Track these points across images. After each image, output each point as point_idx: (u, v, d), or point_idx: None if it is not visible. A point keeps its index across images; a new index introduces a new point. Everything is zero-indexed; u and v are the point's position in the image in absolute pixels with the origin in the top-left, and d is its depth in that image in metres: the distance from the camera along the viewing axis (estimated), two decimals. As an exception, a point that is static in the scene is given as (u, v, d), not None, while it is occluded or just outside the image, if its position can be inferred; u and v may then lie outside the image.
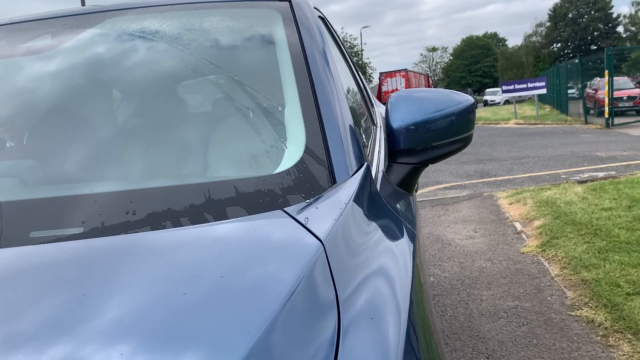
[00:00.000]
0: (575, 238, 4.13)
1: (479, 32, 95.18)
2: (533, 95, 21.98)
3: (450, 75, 74.94)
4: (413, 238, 0.99)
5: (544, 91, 19.83)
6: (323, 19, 1.63)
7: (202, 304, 0.56)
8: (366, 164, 1.01)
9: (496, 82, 61.07)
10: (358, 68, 2.54)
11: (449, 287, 3.60)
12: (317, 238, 0.69)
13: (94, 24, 1.34)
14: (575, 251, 3.86)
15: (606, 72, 14.04)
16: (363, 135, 1.31)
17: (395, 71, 32.00)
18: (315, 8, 1.50)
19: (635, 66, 22.13)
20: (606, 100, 14.05)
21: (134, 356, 0.49)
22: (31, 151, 1.11)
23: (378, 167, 1.18)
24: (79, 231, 0.77)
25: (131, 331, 0.52)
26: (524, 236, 4.57)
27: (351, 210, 0.81)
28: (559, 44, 59.69)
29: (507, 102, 34.39)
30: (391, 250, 0.83)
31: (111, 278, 0.63)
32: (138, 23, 1.31)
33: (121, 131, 1.16)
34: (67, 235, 0.77)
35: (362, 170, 0.97)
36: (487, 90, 45.93)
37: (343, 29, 69.78)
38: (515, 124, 18.25)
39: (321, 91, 1.06)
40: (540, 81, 19.54)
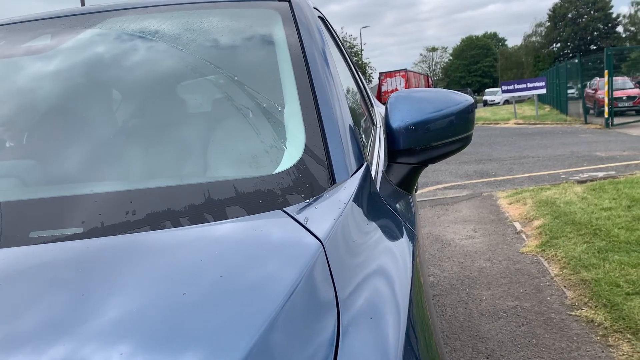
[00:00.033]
0: (574, 238, 4.14)
1: (479, 32, 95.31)
2: (533, 95, 21.99)
3: (449, 75, 74.95)
4: (413, 238, 0.99)
5: (544, 91, 19.83)
6: (323, 19, 1.63)
7: (202, 304, 0.56)
8: (366, 164, 1.01)
9: (496, 82, 61.12)
10: (358, 68, 2.54)
11: (449, 287, 3.60)
12: (317, 238, 0.69)
13: (94, 24, 1.34)
14: (574, 251, 3.86)
15: (606, 72, 14.05)
16: (363, 135, 1.31)
17: (394, 71, 32.01)
18: (314, 8, 1.50)
19: (634, 66, 22.14)
20: (606, 100, 14.05)
21: (134, 356, 0.49)
22: (31, 151, 1.11)
23: (378, 167, 1.18)
24: (79, 231, 0.77)
25: (131, 331, 0.52)
26: (524, 236, 4.57)
27: (351, 210, 0.81)
28: (559, 44, 59.71)
29: (507, 102, 34.40)
30: (391, 250, 0.83)
31: (111, 278, 0.63)
32: (138, 23, 1.31)
33: (121, 131, 1.16)
34: (67, 235, 0.77)
35: (362, 170, 0.97)
36: (487, 90, 45.95)
37: (343, 29, 69.78)
38: (514, 124, 18.25)
39: (321, 91, 1.06)
40: (539, 81, 19.54)
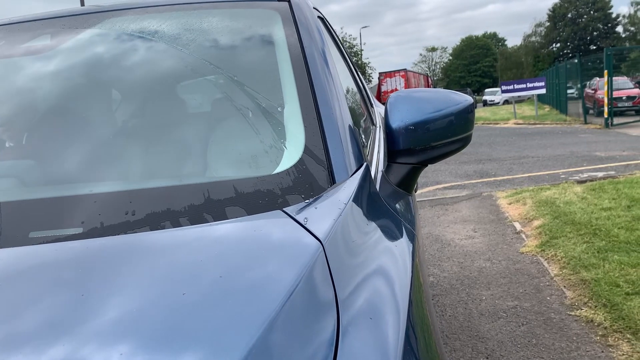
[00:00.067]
0: (574, 238, 4.14)
1: (479, 32, 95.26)
2: (532, 95, 21.99)
3: (449, 75, 74.96)
4: (412, 238, 0.99)
5: (543, 91, 19.84)
6: (322, 19, 1.63)
7: (202, 304, 0.56)
8: (365, 164, 1.01)
9: (495, 82, 61.14)
10: (357, 68, 2.54)
11: (449, 287, 3.60)
12: (317, 238, 0.69)
13: (94, 24, 1.34)
14: (574, 251, 3.86)
15: (605, 72, 14.05)
16: (362, 135, 1.31)
17: (394, 71, 32.02)
18: (314, 8, 1.50)
19: (634, 66, 22.16)
20: (605, 100, 14.06)
21: (134, 356, 0.49)
22: (30, 151, 1.11)
23: (377, 167, 1.18)
24: (79, 231, 0.77)
25: (131, 331, 0.52)
26: (524, 236, 4.57)
27: (350, 210, 0.81)
28: (558, 44, 59.72)
29: (507, 102, 34.41)
30: (390, 250, 0.83)
31: (111, 278, 0.63)
32: (137, 23, 1.31)
33: (120, 131, 1.16)
34: (67, 235, 0.77)
35: (362, 170, 0.97)
36: (487, 90, 45.96)
37: (342, 29, 69.75)
38: (514, 124, 18.25)
39: (320, 91, 1.06)
40: (539, 81, 19.54)
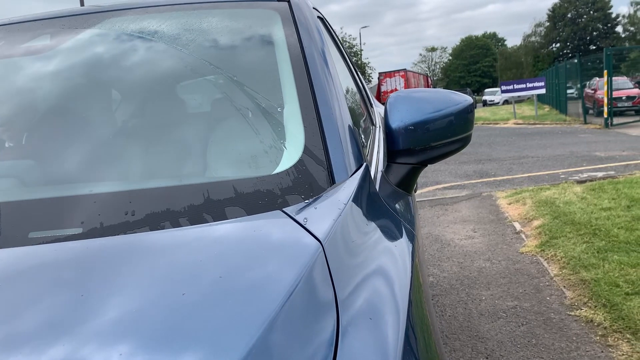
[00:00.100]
0: (574, 238, 4.14)
1: (478, 32, 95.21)
2: (532, 95, 21.99)
3: (449, 75, 74.96)
4: (412, 238, 0.99)
5: (543, 91, 19.84)
6: (322, 19, 1.63)
7: (201, 304, 0.56)
8: (365, 164, 1.01)
9: (495, 82, 61.15)
10: (357, 68, 2.54)
11: (448, 287, 3.60)
12: (316, 238, 0.69)
13: (93, 25, 1.34)
14: (574, 251, 3.86)
15: (605, 72, 14.05)
16: (362, 135, 1.31)
17: (394, 71, 32.02)
18: (314, 8, 1.50)
19: (634, 66, 22.16)
20: (605, 100, 14.06)
21: (133, 356, 0.49)
22: (30, 151, 1.11)
23: (377, 168, 1.18)
24: (78, 231, 0.77)
25: (130, 331, 0.52)
26: (523, 236, 4.57)
27: (350, 210, 0.81)
28: (558, 44, 59.71)
29: (506, 102, 34.41)
30: (390, 250, 0.83)
31: (110, 278, 0.63)
32: (137, 23, 1.31)
33: (120, 131, 1.16)
34: (66, 235, 0.76)
35: (361, 170, 0.97)
36: (486, 90, 45.97)
37: (342, 29, 69.76)
38: (514, 124, 18.26)
39: (320, 91, 1.06)
40: (539, 81, 19.55)
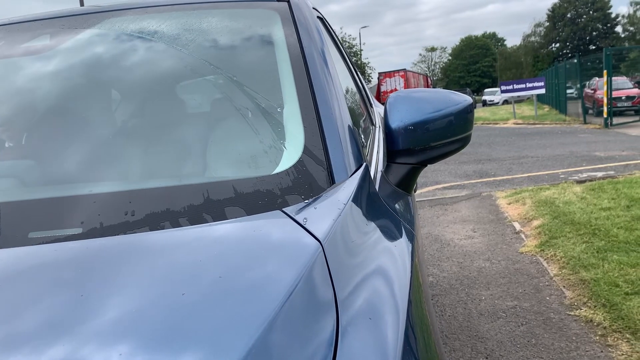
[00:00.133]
0: (574, 238, 4.14)
1: (478, 32, 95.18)
2: (532, 95, 22.00)
3: (449, 75, 74.97)
4: (412, 238, 0.99)
5: (543, 91, 19.84)
6: (322, 19, 1.63)
7: (201, 304, 0.56)
8: (365, 164, 1.01)
9: (495, 82, 61.16)
10: (357, 68, 2.54)
11: (448, 287, 3.60)
12: (316, 238, 0.69)
13: (93, 25, 1.34)
14: (574, 251, 3.86)
15: (605, 72, 14.06)
16: (362, 135, 1.31)
17: (394, 71, 32.02)
18: (314, 8, 1.50)
19: (633, 66, 22.16)
20: (605, 100, 14.07)
21: (133, 356, 0.49)
22: (30, 151, 1.11)
23: (377, 168, 1.18)
24: (78, 232, 0.77)
25: (130, 331, 0.52)
26: (523, 236, 4.57)
27: (350, 210, 0.81)
28: (558, 44, 59.73)
29: (506, 102, 34.42)
30: (390, 250, 0.83)
31: (110, 278, 0.63)
32: (137, 23, 1.31)
33: (120, 131, 1.16)
34: (66, 235, 0.77)
35: (361, 170, 0.97)
36: (486, 90, 45.98)
37: (342, 29, 69.77)
38: (514, 124, 18.26)
39: (320, 91, 1.06)
40: (538, 81, 19.55)
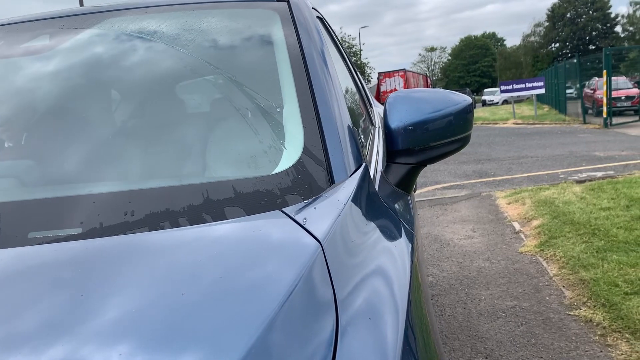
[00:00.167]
0: (573, 238, 4.14)
1: (478, 32, 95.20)
2: (531, 95, 22.00)
3: (448, 75, 74.97)
4: (411, 238, 0.99)
5: (543, 91, 19.85)
6: (321, 19, 1.63)
7: (201, 304, 0.56)
8: (364, 164, 1.01)
9: (495, 82, 61.18)
10: (356, 68, 2.54)
11: (448, 287, 3.60)
12: (315, 238, 0.69)
13: (93, 25, 1.34)
14: (573, 251, 3.86)
15: (604, 72, 14.07)
16: (361, 135, 1.31)
17: (393, 71, 32.03)
18: (313, 8, 1.50)
19: (633, 66, 22.14)
20: (604, 100, 14.08)
21: (133, 356, 0.49)
22: (29, 151, 1.11)
23: (376, 168, 1.18)
24: (78, 232, 0.77)
25: (130, 331, 0.52)
26: (523, 236, 4.58)
27: (349, 210, 0.81)
28: (557, 44, 59.72)
29: (506, 102, 34.44)
30: (389, 250, 0.83)
31: (110, 278, 0.63)
32: (136, 23, 1.31)
33: (119, 132, 1.16)
34: (66, 235, 0.77)
35: (361, 170, 0.97)
36: (486, 90, 45.98)
37: (342, 29, 69.77)
38: (513, 124, 18.27)
39: (319, 91, 1.06)
40: (538, 81, 19.56)
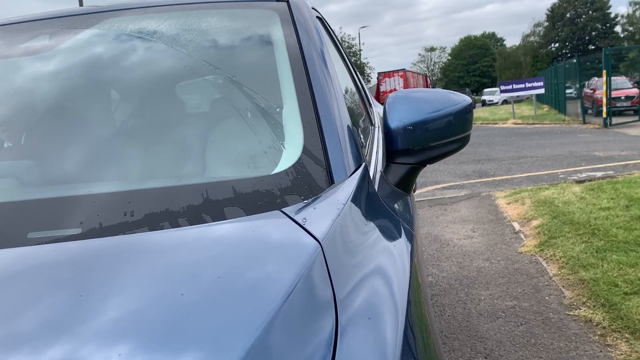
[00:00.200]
0: (573, 238, 4.14)
1: (477, 32, 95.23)
2: (531, 95, 22.00)
3: (448, 75, 74.96)
4: (411, 238, 0.99)
5: (542, 91, 19.86)
6: (321, 19, 1.63)
7: (200, 305, 0.56)
8: (364, 165, 1.01)
9: (494, 82, 61.18)
10: (356, 68, 2.54)
11: (447, 287, 3.60)
12: (315, 238, 0.69)
13: (92, 25, 1.34)
14: (573, 251, 3.86)
15: (604, 72, 14.07)
16: (361, 135, 1.31)
17: (393, 71, 32.04)
18: (313, 8, 1.50)
19: (633, 66, 22.14)
20: (604, 100, 14.08)
21: (133, 356, 0.49)
22: (29, 152, 1.11)
23: (376, 168, 1.18)
24: (77, 232, 0.77)
25: (129, 331, 0.52)
26: (522, 236, 4.58)
27: (349, 210, 0.81)
28: (557, 44, 59.73)
29: (505, 102, 34.44)
30: (389, 250, 0.84)
31: (109, 279, 0.63)
32: (136, 23, 1.31)
33: (119, 132, 1.16)
34: (65, 236, 0.77)
35: (360, 170, 0.97)
36: (485, 90, 45.98)
37: (341, 29, 69.77)
38: (513, 124, 18.27)
39: (319, 91, 1.06)
40: (538, 81, 19.57)
